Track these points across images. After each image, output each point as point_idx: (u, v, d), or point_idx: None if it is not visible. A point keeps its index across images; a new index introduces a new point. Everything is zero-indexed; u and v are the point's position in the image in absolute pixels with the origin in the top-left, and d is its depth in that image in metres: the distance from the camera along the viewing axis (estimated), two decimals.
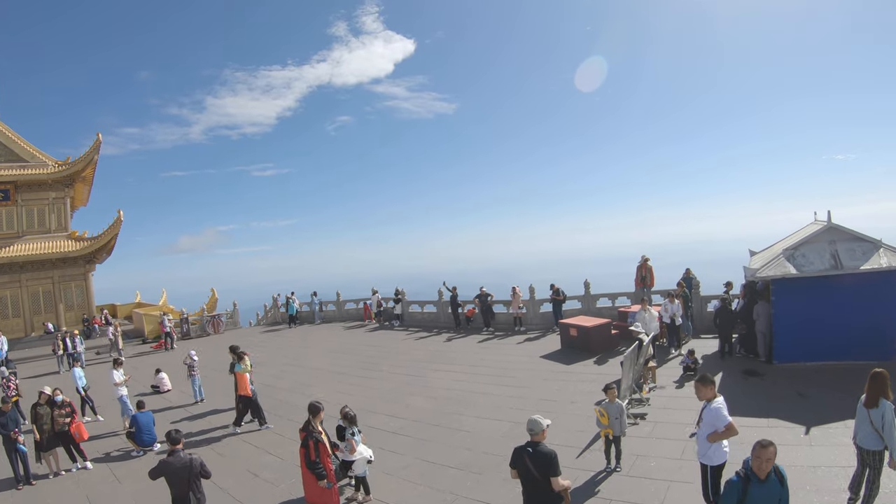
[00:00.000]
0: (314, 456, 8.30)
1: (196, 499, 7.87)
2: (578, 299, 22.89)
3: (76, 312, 37.15)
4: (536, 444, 6.43)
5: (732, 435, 6.95)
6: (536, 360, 17.99)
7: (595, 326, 17.88)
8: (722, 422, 6.90)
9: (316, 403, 8.93)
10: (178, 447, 8.06)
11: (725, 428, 6.87)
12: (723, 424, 6.89)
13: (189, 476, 7.78)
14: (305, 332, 30.89)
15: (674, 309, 16.57)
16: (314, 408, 8.85)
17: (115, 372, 15.29)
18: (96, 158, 38.14)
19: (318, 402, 9.00)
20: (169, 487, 7.85)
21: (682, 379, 14.22)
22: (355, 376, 18.56)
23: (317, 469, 8.26)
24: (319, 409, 8.86)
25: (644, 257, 20.11)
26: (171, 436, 8.26)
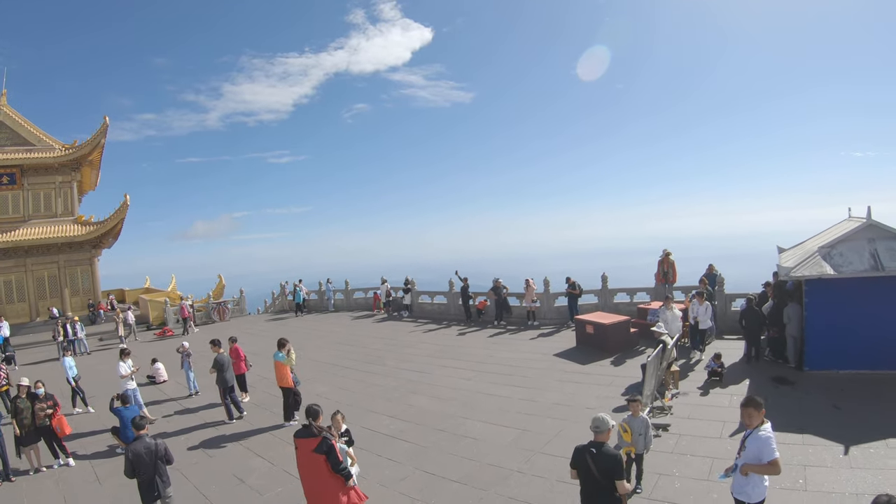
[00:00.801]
0: (342, 458, 7.63)
1: (162, 482, 8.16)
2: (595, 293, 21.87)
3: (82, 297, 36.91)
4: (601, 444, 6.21)
5: (774, 473, 5.95)
6: (550, 358, 16.97)
7: (613, 324, 16.80)
8: (768, 455, 5.84)
9: (315, 407, 8.07)
10: (143, 432, 8.29)
11: (769, 463, 5.83)
12: (768, 458, 5.84)
13: (154, 460, 8.06)
14: (312, 321, 30.17)
15: (700, 311, 15.39)
16: (314, 411, 7.97)
17: (121, 364, 14.59)
18: (103, 142, 37.71)
19: (317, 406, 8.12)
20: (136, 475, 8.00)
21: (707, 385, 13.17)
22: (358, 371, 17.70)
23: (345, 471, 7.53)
24: (319, 412, 8.00)
25: (666, 251, 18.91)
26: (135, 422, 8.48)
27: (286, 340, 13.54)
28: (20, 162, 34.93)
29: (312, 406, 8.06)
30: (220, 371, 14.19)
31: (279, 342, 13.47)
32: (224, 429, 13.48)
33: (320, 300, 34.24)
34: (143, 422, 8.51)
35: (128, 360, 14.76)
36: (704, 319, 15.25)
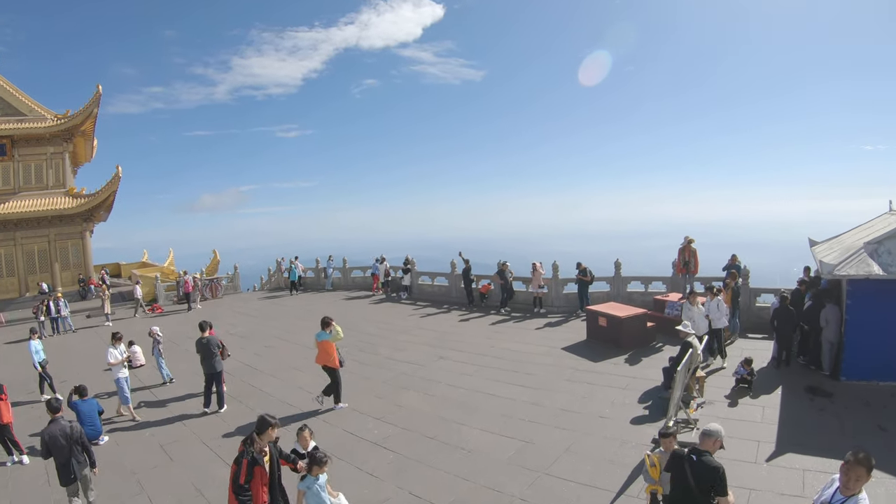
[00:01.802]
0: (244, 479, 6.29)
1: (78, 463, 8.21)
2: (607, 281, 20.23)
3: (72, 272, 35.71)
4: (703, 453, 5.66)
5: None
6: (557, 352, 15.39)
7: (629, 317, 15.15)
8: None
9: (268, 418, 6.72)
10: (58, 415, 8.46)
11: None
12: None
13: (70, 444, 8.14)
14: (307, 300, 28.68)
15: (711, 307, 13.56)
16: (264, 422, 6.66)
17: (111, 349, 12.99)
18: (96, 112, 36.26)
19: (272, 417, 6.77)
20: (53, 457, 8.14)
21: (735, 393, 11.60)
22: (348, 360, 16.03)
23: (242, 496, 6.27)
24: (270, 424, 6.67)
25: (688, 238, 17.14)
26: (50, 404, 8.62)
27: (331, 319, 12.56)
28: (10, 132, 33.52)
29: (264, 417, 6.74)
30: (207, 357, 12.88)
31: (323, 321, 12.52)
32: (194, 425, 12.06)
33: (317, 278, 32.77)
34: (58, 404, 8.71)
35: (119, 346, 13.20)
36: (718, 317, 13.44)
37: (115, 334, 13.47)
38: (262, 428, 6.61)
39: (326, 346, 12.28)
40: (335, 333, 12.32)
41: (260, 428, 6.62)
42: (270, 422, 6.68)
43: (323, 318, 12.61)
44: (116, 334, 13.46)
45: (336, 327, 12.41)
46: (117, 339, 13.32)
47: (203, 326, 13.45)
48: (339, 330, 12.46)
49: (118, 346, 13.12)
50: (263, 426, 6.62)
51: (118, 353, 12.98)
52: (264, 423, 6.64)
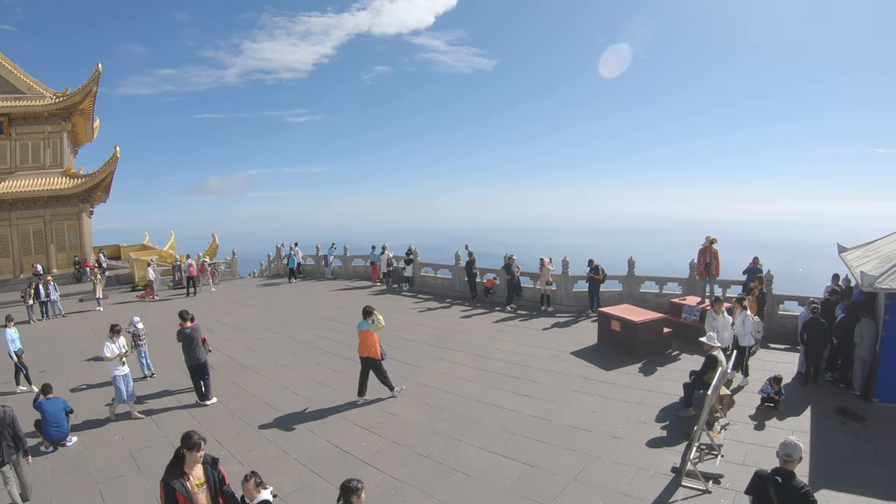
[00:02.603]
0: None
1: (9, 447, 7.96)
2: (620, 280, 19.05)
3: (68, 254, 34.95)
4: (789, 474, 5.19)
5: None
6: (566, 357, 14.23)
7: (644, 322, 13.93)
8: None
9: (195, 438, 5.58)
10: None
11: None
12: None
13: (2, 427, 7.92)
14: (305, 289, 27.63)
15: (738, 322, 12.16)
16: (189, 441, 5.54)
17: (108, 343, 11.67)
18: (95, 90, 35.25)
19: (199, 435, 5.63)
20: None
21: (761, 414, 10.40)
22: (340, 357, 15.06)
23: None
24: (195, 444, 5.55)
25: (709, 238, 15.81)
26: None
27: (372, 308, 11.98)
28: (8, 110, 32.56)
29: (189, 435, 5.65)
30: (189, 347, 12.03)
31: (365, 310, 11.97)
32: (168, 428, 10.90)
33: (317, 266, 31.74)
34: None
35: (117, 339, 11.87)
36: (744, 334, 12.09)
37: (114, 326, 12.13)
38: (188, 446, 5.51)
39: (368, 337, 11.73)
40: (377, 323, 11.73)
41: (187, 446, 5.51)
42: (196, 441, 5.55)
43: (364, 308, 12.03)
44: (115, 326, 12.12)
45: (378, 316, 11.81)
46: (115, 331, 11.98)
47: (185, 315, 12.51)
48: (380, 319, 11.85)
49: (116, 340, 11.83)
50: (190, 445, 5.51)
51: (116, 347, 11.68)
52: (188, 442, 5.53)
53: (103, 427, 11.18)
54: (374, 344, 11.70)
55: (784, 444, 5.30)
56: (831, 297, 13.55)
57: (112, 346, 11.64)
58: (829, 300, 13.38)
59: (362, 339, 11.74)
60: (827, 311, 12.78)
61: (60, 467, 9.45)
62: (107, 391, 13.12)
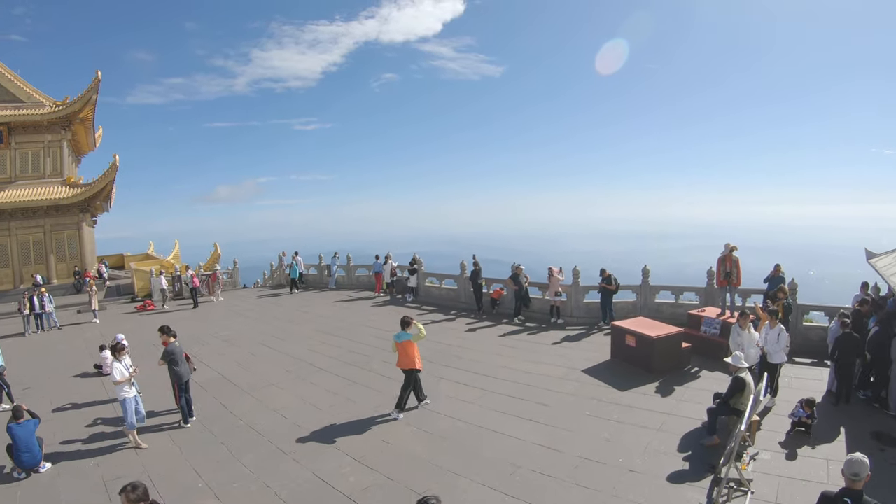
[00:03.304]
0: None
1: None
2: (633, 290, 18.03)
3: (68, 264, 34.23)
4: (858, 494, 4.84)
5: None
6: (577, 375, 13.22)
7: (661, 337, 12.89)
8: None
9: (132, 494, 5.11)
10: None
11: None
12: None
13: None
14: (306, 300, 26.74)
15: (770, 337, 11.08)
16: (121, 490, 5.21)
17: (116, 364, 10.68)
18: (95, 98, 34.70)
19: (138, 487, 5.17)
20: None
21: (791, 441, 9.38)
22: (335, 375, 14.12)
23: None
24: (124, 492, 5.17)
25: (729, 246, 14.74)
26: None
27: (410, 318, 11.59)
28: (7, 119, 32.06)
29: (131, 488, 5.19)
30: (172, 364, 11.29)
31: (403, 320, 11.58)
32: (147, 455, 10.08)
33: (320, 275, 30.88)
34: None
35: (125, 358, 10.93)
36: (776, 350, 11.05)
37: (117, 345, 11.14)
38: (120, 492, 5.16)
39: (409, 348, 11.33)
40: (417, 333, 11.35)
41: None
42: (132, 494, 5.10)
43: (403, 318, 11.64)
44: (118, 345, 11.14)
45: (418, 325, 11.44)
46: (119, 349, 10.97)
47: (167, 331, 11.73)
48: (421, 329, 11.46)
49: (123, 359, 10.87)
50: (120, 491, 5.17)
51: (124, 369, 10.71)
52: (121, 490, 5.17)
53: (80, 452, 10.35)
54: (415, 355, 11.31)
55: (850, 462, 5.02)
56: (861, 307, 12.52)
57: (120, 367, 10.66)
58: (860, 311, 12.34)
59: (402, 351, 11.32)
60: (858, 323, 11.77)
61: (31, 494, 8.78)
62: (91, 412, 12.53)
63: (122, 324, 22.65)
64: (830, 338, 11.78)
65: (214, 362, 15.79)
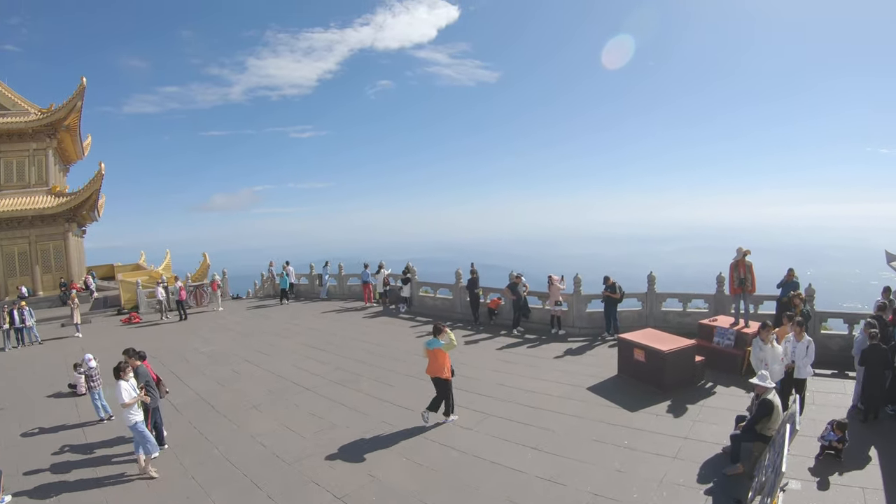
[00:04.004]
0: None
1: None
2: (638, 298, 16.95)
3: (54, 275, 33.24)
4: None
5: None
6: (582, 393, 12.11)
7: (673, 352, 11.78)
8: None
9: None
10: None
11: None
12: None
13: None
14: (295, 311, 25.58)
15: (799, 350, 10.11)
16: None
17: (121, 384, 9.47)
18: (80, 105, 33.84)
19: None
20: None
21: (821, 467, 8.36)
22: (321, 396, 13.00)
23: None
24: None
25: (742, 250, 13.66)
26: None
27: (443, 325, 11.18)
28: None
29: None
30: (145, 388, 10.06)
31: (435, 327, 11.18)
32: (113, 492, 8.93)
33: (311, 285, 29.74)
34: None
35: (129, 378, 9.70)
36: (804, 364, 10.04)
37: (121, 364, 9.81)
38: None
39: (438, 356, 10.83)
40: (449, 341, 10.85)
41: None
42: None
43: (435, 325, 11.30)
44: (122, 363, 9.84)
45: (449, 334, 10.95)
46: (123, 369, 9.70)
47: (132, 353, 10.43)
48: (452, 337, 10.99)
49: (129, 379, 9.67)
50: None
51: (132, 389, 9.57)
52: None
53: (42, 483, 9.34)
54: (445, 363, 10.81)
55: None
56: (882, 313, 11.55)
57: (126, 386, 9.51)
58: (882, 318, 11.33)
59: (432, 359, 10.86)
60: (883, 332, 10.75)
61: None
62: (58, 438, 11.40)
63: (105, 338, 21.57)
64: (857, 349, 10.76)
65: (194, 381, 14.73)
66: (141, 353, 10.84)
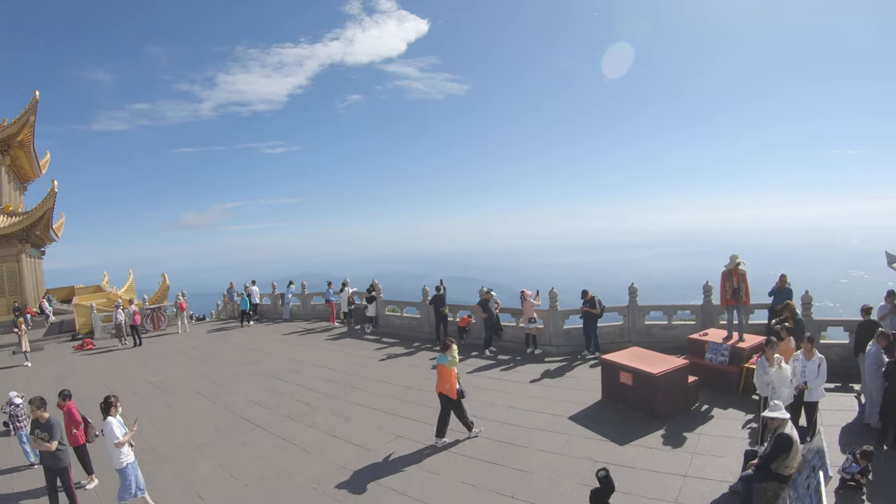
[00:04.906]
0: None
1: None
2: (619, 311, 15.45)
3: (8, 299, 30.71)
4: None
5: None
6: (563, 424, 10.47)
7: (665, 374, 10.21)
8: None
9: None
10: None
11: None
12: None
13: None
14: (256, 334, 23.44)
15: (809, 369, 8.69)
16: None
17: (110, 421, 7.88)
18: (33, 120, 31.70)
19: None
20: None
21: (843, 502, 6.96)
22: (271, 435, 11.18)
23: None
24: None
25: (735, 259, 12.24)
26: None
27: (451, 341, 10.42)
28: None
29: None
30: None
31: (443, 343, 10.42)
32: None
33: (273, 305, 27.67)
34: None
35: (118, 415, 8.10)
36: (817, 386, 8.62)
37: (109, 399, 8.13)
38: None
39: (442, 372, 10.14)
40: (451, 359, 10.11)
41: None
42: None
43: (444, 340, 10.64)
44: (110, 398, 8.13)
45: (453, 351, 10.21)
46: (111, 403, 8.11)
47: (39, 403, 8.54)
48: (454, 353, 10.23)
49: (117, 415, 8.05)
50: None
51: (120, 426, 7.95)
52: None
53: None
54: (449, 380, 10.00)
55: None
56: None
57: (116, 424, 7.89)
58: None
59: (439, 375, 10.20)
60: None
61: None
62: None
63: (55, 367, 19.48)
64: (870, 362, 9.42)
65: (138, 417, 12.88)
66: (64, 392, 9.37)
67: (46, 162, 40.23)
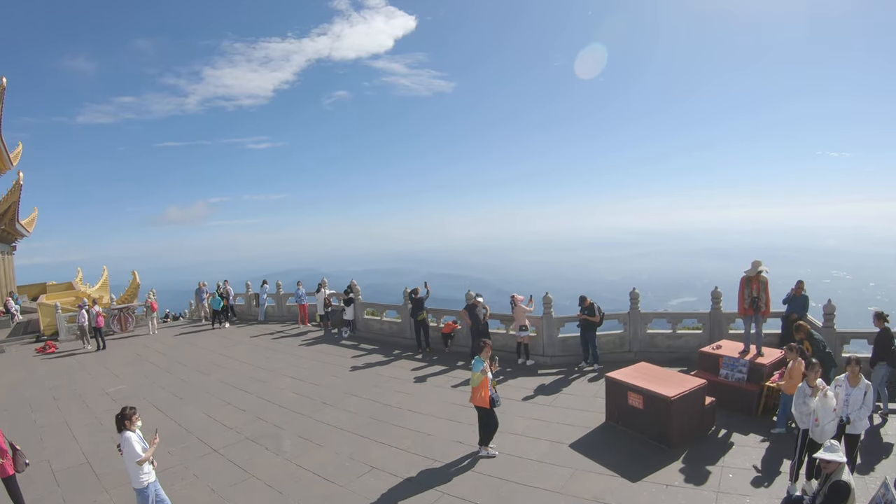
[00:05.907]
0: None
1: None
2: (619, 319, 13.99)
3: None
4: None
5: None
6: (564, 453, 8.93)
7: (681, 397, 8.72)
8: None
9: None
10: None
11: None
12: None
13: None
14: (226, 338, 21.61)
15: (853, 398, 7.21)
16: None
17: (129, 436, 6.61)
18: None
19: None
20: None
21: None
22: (229, 463, 9.46)
23: None
24: None
25: (757, 265, 10.69)
26: None
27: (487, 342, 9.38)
28: None
29: None
30: None
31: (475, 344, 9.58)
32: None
33: (247, 306, 25.84)
34: None
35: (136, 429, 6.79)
36: (861, 417, 7.17)
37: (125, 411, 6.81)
38: None
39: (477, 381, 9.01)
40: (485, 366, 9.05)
41: None
42: None
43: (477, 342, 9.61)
44: (125, 410, 6.81)
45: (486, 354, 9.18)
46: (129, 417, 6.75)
47: None
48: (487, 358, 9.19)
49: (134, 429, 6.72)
50: None
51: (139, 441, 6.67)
52: None
53: None
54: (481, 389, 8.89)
55: None
56: None
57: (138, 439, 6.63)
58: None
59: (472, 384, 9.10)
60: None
61: None
62: None
63: (14, 371, 17.67)
64: None
65: (85, 437, 10.99)
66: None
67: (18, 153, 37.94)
